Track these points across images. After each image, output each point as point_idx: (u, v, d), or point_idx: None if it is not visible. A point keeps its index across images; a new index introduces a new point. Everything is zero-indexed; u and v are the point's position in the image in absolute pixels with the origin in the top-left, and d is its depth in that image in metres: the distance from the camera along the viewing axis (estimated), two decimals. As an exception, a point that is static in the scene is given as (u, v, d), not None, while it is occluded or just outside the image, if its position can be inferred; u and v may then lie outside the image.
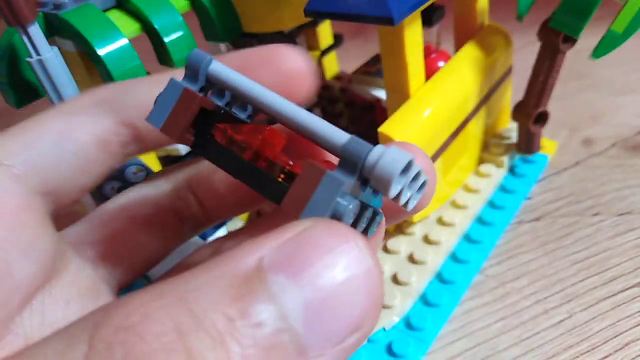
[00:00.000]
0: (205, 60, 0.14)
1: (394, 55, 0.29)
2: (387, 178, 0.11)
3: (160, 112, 0.14)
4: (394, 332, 0.29)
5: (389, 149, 0.12)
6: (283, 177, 0.13)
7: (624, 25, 0.28)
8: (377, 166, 0.12)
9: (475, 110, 0.34)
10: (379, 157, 0.12)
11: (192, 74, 0.14)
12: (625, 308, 0.29)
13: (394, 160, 0.11)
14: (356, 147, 0.12)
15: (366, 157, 0.12)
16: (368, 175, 0.12)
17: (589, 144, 0.41)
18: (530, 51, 0.34)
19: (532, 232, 0.35)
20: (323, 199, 0.12)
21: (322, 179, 0.12)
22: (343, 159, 0.12)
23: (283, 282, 0.10)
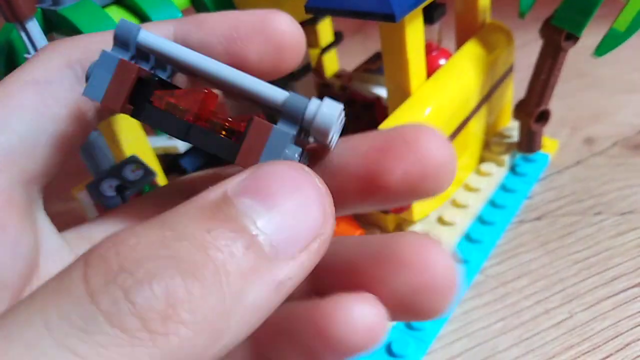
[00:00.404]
0: (135, 29, 0.14)
1: (395, 53, 0.28)
2: (325, 129, 0.13)
3: (97, 85, 0.14)
4: (394, 332, 0.29)
5: (323, 103, 0.13)
6: (225, 134, 0.14)
7: (627, 24, 0.28)
8: (316, 119, 0.13)
9: (477, 109, 0.34)
10: (317, 111, 0.13)
11: (122, 44, 0.14)
12: (626, 308, 0.29)
13: (330, 113, 0.13)
14: (296, 102, 0.13)
15: (305, 110, 0.13)
16: (307, 126, 0.13)
17: (591, 143, 0.41)
18: (532, 49, 0.34)
19: (533, 231, 0.34)
20: (274, 150, 0.13)
21: (271, 133, 0.13)
22: (284, 113, 0.13)
23: (248, 202, 0.11)
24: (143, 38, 0.14)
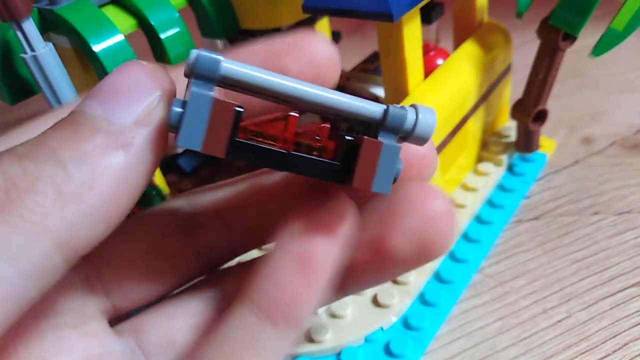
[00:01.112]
0: (218, 61, 0.13)
1: (392, 53, 0.28)
2: (427, 136, 0.14)
3: (193, 131, 0.12)
4: (392, 332, 0.29)
5: (420, 111, 0.14)
6: (317, 155, 0.14)
7: (624, 23, 0.28)
8: (418, 128, 0.14)
9: (474, 109, 0.34)
10: (417, 120, 0.14)
11: (203, 77, 0.13)
12: (624, 307, 0.29)
13: (429, 122, 0.14)
14: (398, 115, 0.14)
15: (405, 121, 0.14)
16: (407, 135, 0.14)
17: (588, 143, 0.41)
18: (530, 49, 0.34)
19: (531, 231, 0.34)
20: (386, 167, 0.13)
21: (382, 151, 0.13)
22: (386, 126, 0.14)
23: (90, 102, 0.13)
24: (228, 69, 0.13)
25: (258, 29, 0.32)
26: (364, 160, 0.13)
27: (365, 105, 0.14)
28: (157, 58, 0.28)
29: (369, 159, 0.13)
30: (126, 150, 0.13)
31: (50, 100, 0.25)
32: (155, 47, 0.28)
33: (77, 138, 0.12)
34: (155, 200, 0.30)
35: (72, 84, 0.25)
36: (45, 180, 0.12)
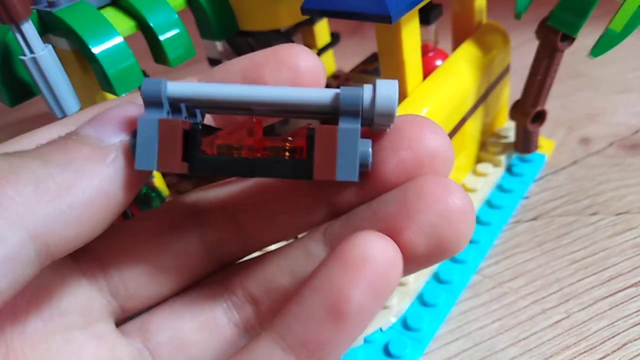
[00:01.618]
0: (162, 83, 0.13)
1: (391, 54, 0.28)
2: (389, 111, 0.13)
3: (147, 153, 0.13)
4: (391, 333, 0.29)
5: (378, 85, 0.13)
6: (289, 155, 0.14)
7: (623, 24, 0.28)
8: (377, 104, 0.13)
9: (473, 109, 0.34)
10: (374, 96, 0.13)
11: (153, 103, 0.13)
12: (623, 308, 0.29)
13: (388, 94, 0.13)
14: (351, 95, 0.13)
15: (362, 100, 0.13)
16: (369, 114, 0.13)
17: (587, 143, 0.41)
18: (528, 50, 0.34)
19: (529, 231, 0.35)
20: (347, 152, 0.13)
21: (338, 136, 0.13)
22: (342, 111, 0.13)
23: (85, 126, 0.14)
24: (173, 89, 0.14)
25: (257, 31, 0.32)
26: (320, 149, 0.13)
27: (314, 94, 0.13)
28: (156, 60, 0.28)
29: (326, 147, 0.13)
30: (108, 163, 0.13)
31: (49, 102, 0.25)
32: (154, 49, 0.28)
33: (66, 147, 0.14)
34: (155, 201, 0.30)
35: (71, 86, 0.25)
36: (28, 173, 0.13)
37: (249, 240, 0.17)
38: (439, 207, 0.14)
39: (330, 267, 0.13)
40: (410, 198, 0.14)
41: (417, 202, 0.14)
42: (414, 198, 0.14)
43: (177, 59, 0.28)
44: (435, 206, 0.14)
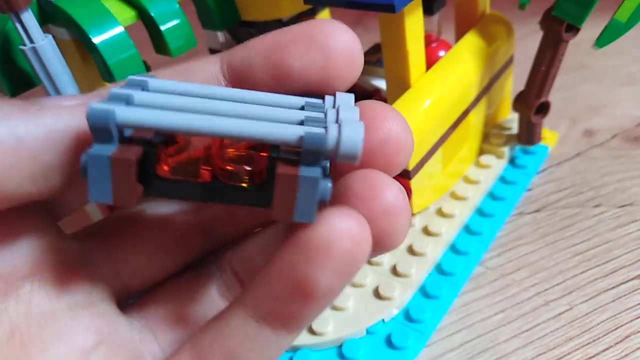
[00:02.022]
0: (110, 113, 0.12)
1: (394, 44, 0.28)
2: (354, 156, 0.12)
3: (100, 187, 0.12)
4: (393, 324, 0.29)
5: (343, 128, 0.12)
6: (248, 180, 0.13)
7: (628, 14, 0.28)
8: (341, 149, 0.12)
9: (476, 101, 0.34)
10: (339, 140, 0.12)
11: (104, 135, 0.12)
12: (626, 300, 0.29)
13: (354, 138, 0.12)
14: (315, 140, 0.12)
15: (325, 145, 0.12)
16: (333, 156, 0.13)
17: (590, 135, 0.41)
18: (532, 41, 0.34)
19: (532, 223, 0.34)
20: (306, 197, 0.12)
21: (298, 183, 0.12)
22: (305, 152, 0.12)
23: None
24: (123, 119, 0.12)
25: (259, 21, 0.32)
26: (280, 192, 0.12)
27: (278, 131, 0.13)
28: (157, 50, 0.28)
29: (285, 191, 0.12)
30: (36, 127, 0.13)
31: (50, 92, 0.25)
32: (155, 39, 0.28)
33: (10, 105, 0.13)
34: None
35: (71, 76, 0.25)
36: None
37: (239, 219, 0.17)
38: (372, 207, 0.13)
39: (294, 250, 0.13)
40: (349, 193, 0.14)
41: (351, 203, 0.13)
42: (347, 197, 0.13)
43: (178, 49, 0.28)
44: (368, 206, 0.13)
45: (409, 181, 0.30)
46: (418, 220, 0.33)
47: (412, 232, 0.33)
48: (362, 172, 0.14)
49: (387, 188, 0.13)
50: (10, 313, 0.14)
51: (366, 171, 0.14)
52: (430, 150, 0.30)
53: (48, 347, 0.14)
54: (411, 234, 0.33)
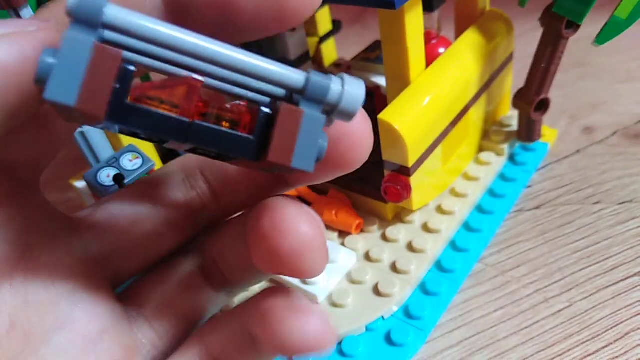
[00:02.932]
0: (100, 3, 0.10)
1: (394, 41, 0.28)
2: (352, 112, 0.12)
3: (66, 82, 0.10)
4: (393, 321, 0.29)
5: (346, 82, 0.12)
6: (228, 126, 0.12)
7: (628, 11, 0.28)
8: (343, 101, 0.12)
9: (476, 98, 0.34)
10: (342, 94, 0.12)
11: (83, 22, 0.10)
12: (625, 297, 0.29)
13: (356, 94, 0.12)
14: (318, 86, 0.12)
15: (328, 92, 0.12)
16: (331, 108, 0.12)
17: (590, 132, 0.41)
18: (532, 38, 0.34)
19: (532, 220, 0.34)
20: (307, 140, 0.12)
21: (303, 121, 0.12)
22: (307, 96, 0.12)
23: None
24: (113, 16, 0.11)
25: None
26: (281, 130, 0.11)
27: (283, 71, 0.12)
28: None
29: (287, 128, 0.12)
30: None
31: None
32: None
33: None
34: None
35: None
36: None
37: (223, 205, 0.18)
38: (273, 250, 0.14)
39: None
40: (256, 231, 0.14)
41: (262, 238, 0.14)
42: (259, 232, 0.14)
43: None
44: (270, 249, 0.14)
45: (408, 178, 0.30)
46: (418, 218, 0.33)
47: (412, 229, 0.33)
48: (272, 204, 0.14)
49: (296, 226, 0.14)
50: (8, 304, 0.14)
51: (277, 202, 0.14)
52: (430, 147, 0.30)
53: (51, 338, 0.14)
54: (411, 230, 0.33)
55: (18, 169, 0.14)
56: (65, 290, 0.15)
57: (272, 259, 0.14)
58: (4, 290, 0.14)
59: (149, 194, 0.17)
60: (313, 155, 0.12)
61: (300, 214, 0.14)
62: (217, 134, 0.12)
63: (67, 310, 0.15)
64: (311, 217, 0.14)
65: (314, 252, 0.14)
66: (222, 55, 0.11)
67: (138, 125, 0.11)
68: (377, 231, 0.33)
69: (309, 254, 0.14)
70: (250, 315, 0.15)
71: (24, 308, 0.14)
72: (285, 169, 0.12)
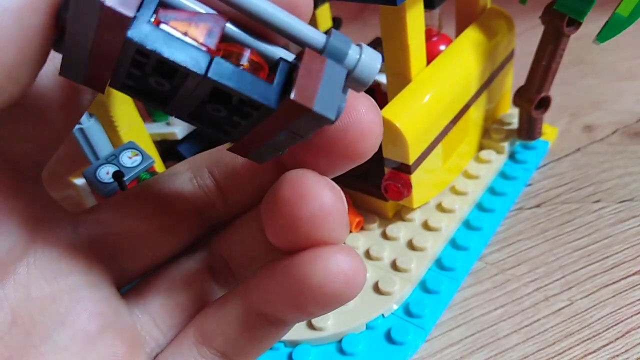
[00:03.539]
0: None
1: (395, 38, 0.28)
2: (367, 79, 0.12)
3: (75, 52, 0.10)
4: (393, 319, 0.28)
5: (364, 51, 0.12)
6: (247, 67, 0.12)
7: (630, 9, 0.28)
8: (358, 67, 0.12)
9: (477, 95, 0.34)
10: (358, 61, 0.12)
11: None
12: (626, 295, 0.29)
13: (372, 64, 0.12)
14: (337, 49, 0.12)
15: (346, 56, 0.12)
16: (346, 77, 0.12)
17: (590, 131, 0.41)
18: (533, 35, 0.34)
19: (532, 218, 0.34)
20: (331, 88, 0.11)
21: (326, 67, 0.11)
22: (327, 53, 0.12)
23: None
24: None
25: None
26: (305, 71, 0.11)
27: (307, 31, 0.12)
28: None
29: (311, 71, 0.11)
30: None
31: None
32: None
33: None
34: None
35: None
36: None
37: (231, 204, 0.18)
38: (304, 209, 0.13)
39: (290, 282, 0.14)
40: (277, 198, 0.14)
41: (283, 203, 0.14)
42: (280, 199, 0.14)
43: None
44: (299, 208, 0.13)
45: (409, 176, 0.29)
46: (418, 216, 0.33)
47: (412, 227, 0.33)
48: (291, 174, 0.14)
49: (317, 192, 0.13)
50: (10, 299, 0.14)
51: (297, 172, 0.14)
52: (431, 145, 0.30)
53: (52, 333, 0.14)
54: (411, 228, 0.32)
55: (19, 163, 0.14)
56: (67, 286, 0.15)
57: (292, 226, 0.13)
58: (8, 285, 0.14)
59: (155, 193, 0.17)
60: (335, 104, 0.11)
61: (321, 181, 0.14)
62: (236, 73, 0.11)
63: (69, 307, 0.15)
64: (332, 185, 0.14)
65: (335, 219, 0.13)
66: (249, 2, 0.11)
67: (159, 48, 0.10)
68: (377, 229, 0.33)
69: (331, 220, 0.13)
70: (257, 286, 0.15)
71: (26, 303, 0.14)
72: (306, 117, 0.11)
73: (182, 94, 0.12)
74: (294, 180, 0.13)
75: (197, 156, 0.18)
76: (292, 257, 0.14)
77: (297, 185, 0.13)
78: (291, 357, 0.27)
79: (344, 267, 0.13)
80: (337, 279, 0.13)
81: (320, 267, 0.13)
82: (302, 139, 0.13)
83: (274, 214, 0.14)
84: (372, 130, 0.14)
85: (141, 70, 0.11)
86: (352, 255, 0.14)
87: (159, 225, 0.17)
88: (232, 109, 0.12)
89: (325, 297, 0.13)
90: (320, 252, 0.13)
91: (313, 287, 0.13)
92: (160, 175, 0.18)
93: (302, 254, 0.14)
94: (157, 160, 0.31)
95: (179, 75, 0.11)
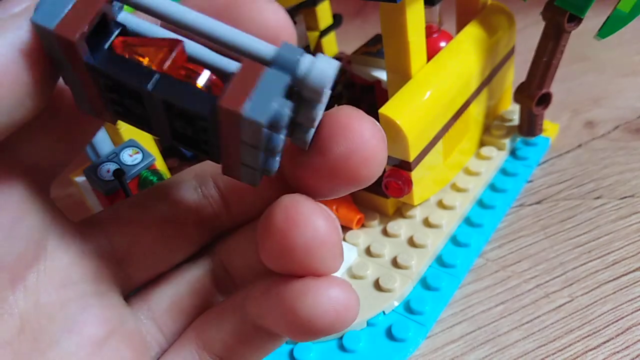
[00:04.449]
0: None
1: (395, 35, 0.28)
2: (319, 89, 0.12)
3: (52, 10, 0.11)
4: (394, 316, 0.29)
5: (318, 58, 0.12)
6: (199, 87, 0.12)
7: (631, 4, 0.28)
8: (309, 80, 0.12)
9: (477, 92, 0.33)
10: (309, 72, 0.12)
11: None
12: (627, 292, 0.29)
13: (326, 70, 0.12)
14: (286, 59, 0.12)
15: (297, 64, 0.12)
16: (299, 83, 0.12)
17: (592, 127, 0.41)
18: (534, 31, 0.34)
19: (533, 215, 0.34)
20: (266, 94, 0.11)
21: (264, 73, 0.11)
22: (276, 66, 0.12)
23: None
24: None
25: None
26: (240, 79, 0.11)
27: (255, 43, 0.12)
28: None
29: (246, 79, 0.11)
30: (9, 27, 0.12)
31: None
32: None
33: None
34: (156, 184, 0.30)
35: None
36: None
37: (234, 214, 0.18)
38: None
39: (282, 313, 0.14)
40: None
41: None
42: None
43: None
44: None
45: (409, 173, 0.29)
46: (419, 212, 0.33)
47: (412, 224, 0.33)
48: (286, 200, 0.14)
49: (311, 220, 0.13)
50: (20, 305, 0.14)
51: (292, 198, 0.14)
52: (431, 142, 0.30)
53: (59, 340, 0.14)
54: (412, 225, 0.32)
55: (36, 171, 0.14)
56: (75, 293, 0.15)
57: (284, 254, 0.13)
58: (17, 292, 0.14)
59: (161, 201, 0.17)
60: (269, 109, 0.11)
61: (316, 208, 0.13)
62: (182, 89, 0.12)
63: (77, 313, 0.15)
64: (327, 214, 0.14)
65: (329, 248, 0.13)
66: (199, 22, 0.12)
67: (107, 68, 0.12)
68: (378, 226, 0.33)
69: (324, 250, 0.13)
70: (253, 301, 0.15)
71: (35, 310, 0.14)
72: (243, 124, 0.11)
73: (150, 114, 0.13)
74: (287, 206, 0.13)
75: (202, 164, 0.18)
76: (286, 283, 0.14)
77: (291, 211, 0.13)
78: (292, 354, 0.27)
79: (334, 303, 0.13)
80: (327, 314, 0.13)
81: (310, 300, 0.13)
82: (270, 154, 0.13)
83: (267, 239, 0.14)
84: (376, 156, 0.14)
85: (117, 94, 0.12)
86: (344, 289, 0.14)
87: (164, 234, 0.17)
88: (192, 124, 0.12)
89: (314, 329, 0.13)
90: (311, 285, 0.13)
91: (303, 319, 0.13)
92: (166, 182, 0.18)
93: (294, 283, 0.14)
94: (157, 158, 0.31)
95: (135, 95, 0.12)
